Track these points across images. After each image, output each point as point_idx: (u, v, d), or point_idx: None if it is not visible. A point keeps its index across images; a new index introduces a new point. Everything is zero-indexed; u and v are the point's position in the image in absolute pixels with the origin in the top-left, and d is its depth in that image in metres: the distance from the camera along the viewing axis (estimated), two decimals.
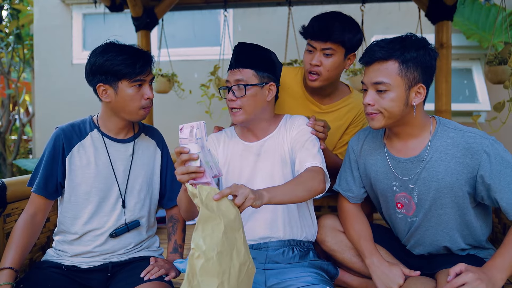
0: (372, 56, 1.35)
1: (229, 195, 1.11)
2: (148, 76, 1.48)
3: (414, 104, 1.35)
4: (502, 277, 1.26)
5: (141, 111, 1.49)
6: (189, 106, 4.59)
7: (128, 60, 1.42)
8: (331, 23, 1.71)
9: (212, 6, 3.60)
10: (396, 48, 1.32)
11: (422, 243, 1.51)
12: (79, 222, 1.50)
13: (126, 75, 1.43)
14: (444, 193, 1.39)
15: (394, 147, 1.48)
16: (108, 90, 1.46)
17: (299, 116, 1.62)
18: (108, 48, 1.45)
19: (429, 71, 1.35)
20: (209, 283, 1.02)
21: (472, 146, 1.34)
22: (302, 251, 1.53)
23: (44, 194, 1.49)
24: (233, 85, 1.49)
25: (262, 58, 1.53)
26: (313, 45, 1.76)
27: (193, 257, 1.02)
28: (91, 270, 1.50)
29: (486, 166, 1.32)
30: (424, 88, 1.35)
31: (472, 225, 1.44)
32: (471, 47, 4.50)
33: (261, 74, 1.50)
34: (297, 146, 1.50)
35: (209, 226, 1.05)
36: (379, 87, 1.34)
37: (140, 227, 1.58)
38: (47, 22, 5.16)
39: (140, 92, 1.47)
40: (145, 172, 1.59)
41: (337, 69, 1.80)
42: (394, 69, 1.32)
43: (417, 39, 1.35)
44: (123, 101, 1.46)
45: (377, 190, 1.55)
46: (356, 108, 1.96)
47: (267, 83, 1.52)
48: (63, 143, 1.50)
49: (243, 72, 1.49)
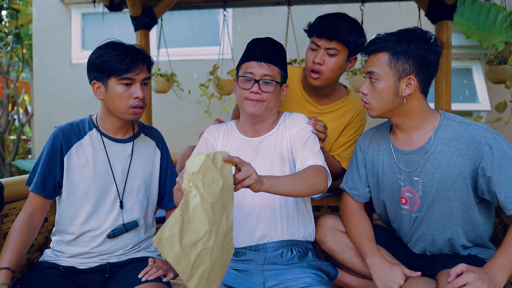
0: (368, 47, 1.45)
1: (234, 165, 1.13)
2: (138, 75, 1.45)
3: (404, 95, 1.39)
4: (503, 276, 1.25)
5: (131, 110, 1.46)
6: (189, 106, 4.58)
7: (117, 57, 1.41)
8: (339, 23, 1.72)
9: (212, 5, 3.59)
10: (390, 40, 1.39)
11: (424, 239, 1.51)
12: (77, 222, 1.49)
13: (114, 71, 1.42)
14: (448, 185, 1.39)
15: (399, 140, 1.50)
16: (101, 88, 1.46)
17: (299, 114, 1.62)
18: (104, 45, 1.46)
19: (425, 64, 1.38)
20: (200, 225, 1.00)
21: (475, 138, 1.35)
22: (301, 252, 1.52)
23: (42, 194, 1.48)
24: (262, 79, 1.47)
25: (284, 58, 1.57)
26: (317, 43, 1.76)
27: (190, 194, 1.00)
28: (89, 271, 1.49)
29: (488, 158, 1.33)
30: (414, 79, 1.38)
31: (476, 221, 1.44)
32: (471, 46, 4.49)
33: (283, 73, 1.54)
34: (298, 145, 1.50)
35: (210, 177, 1.05)
36: (371, 76, 1.42)
37: (138, 227, 1.57)
38: (46, 22, 5.15)
39: (129, 90, 1.45)
40: (144, 173, 1.58)
41: (339, 70, 1.80)
42: (385, 60, 1.39)
43: (413, 33, 1.40)
44: (112, 99, 1.45)
45: (383, 186, 1.55)
46: (354, 109, 1.95)
47: (284, 83, 1.56)
48: (61, 142, 1.49)
49: (272, 68, 1.49)
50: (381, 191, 1.58)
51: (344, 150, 1.98)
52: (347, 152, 1.98)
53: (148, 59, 1.51)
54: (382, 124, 1.63)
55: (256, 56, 1.49)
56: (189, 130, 4.83)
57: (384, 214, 1.65)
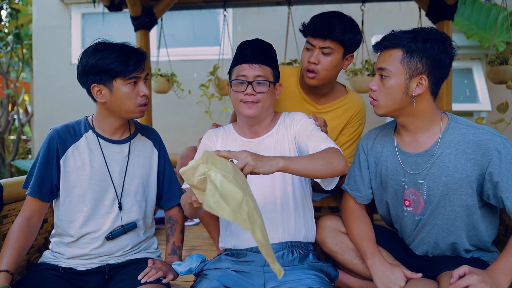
0: (381, 43, 1.41)
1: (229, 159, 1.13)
2: (142, 73, 1.46)
3: (414, 94, 1.36)
4: (506, 279, 1.24)
5: (139, 108, 1.47)
6: (189, 106, 4.57)
7: (121, 57, 1.40)
8: (333, 22, 1.72)
9: (212, 5, 3.59)
10: (404, 37, 1.36)
11: (426, 242, 1.50)
12: (75, 225, 1.48)
13: (120, 73, 1.41)
14: (453, 189, 1.38)
15: (404, 142, 1.48)
16: (103, 90, 1.44)
17: (297, 112, 1.62)
18: (99, 47, 1.43)
19: (438, 65, 1.36)
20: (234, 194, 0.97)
21: (484, 143, 1.34)
22: (302, 253, 1.51)
23: (39, 197, 1.47)
24: (255, 80, 1.48)
25: (274, 57, 1.56)
26: (312, 43, 1.76)
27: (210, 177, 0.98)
28: (88, 272, 1.48)
29: (496, 163, 1.31)
30: (426, 79, 1.35)
31: (478, 225, 1.43)
32: (471, 47, 4.49)
33: (275, 73, 1.54)
34: (304, 137, 1.49)
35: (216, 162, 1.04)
36: (382, 73, 1.39)
37: (137, 228, 1.56)
38: (46, 22, 5.15)
39: (135, 89, 1.45)
40: (142, 173, 1.57)
41: (335, 69, 1.80)
42: (398, 57, 1.36)
43: (430, 32, 1.37)
44: (119, 100, 1.44)
45: (387, 188, 1.54)
46: (353, 108, 1.94)
47: (277, 82, 1.56)
48: (57, 145, 1.48)
49: (263, 68, 1.49)
50: (385, 192, 1.57)
51: (344, 150, 1.97)
52: (348, 152, 1.97)
53: (145, 55, 1.50)
54: (386, 124, 1.62)
55: (247, 58, 1.49)
56: (189, 130, 4.82)
57: (386, 215, 1.64)
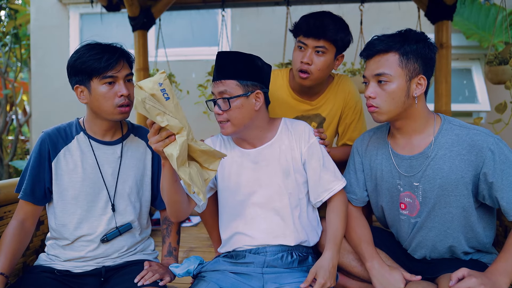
0: (373, 48, 1.38)
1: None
2: (120, 72, 1.42)
3: (415, 95, 1.37)
4: (506, 281, 1.23)
5: (117, 109, 1.43)
6: (187, 107, 4.51)
7: (95, 55, 1.38)
8: (326, 21, 1.71)
9: (210, 6, 3.58)
10: (396, 40, 1.35)
11: (424, 245, 1.49)
12: (69, 228, 1.47)
13: (94, 71, 1.38)
14: (449, 190, 1.38)
15: (398, 144, 1.47)
16: (84, 91, 1.43)
17: (301, 123, 1.58)
18: (80, 48, 1.43)
19: (430, 63, 1.38)
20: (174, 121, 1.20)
21: (477, 143, 1.33)
22: (301, 256, 1.50)
23: (32, 200, 1.46)
24: (218, 98, 1.42)
25: (244, 66, 1.42)
26: (305, 43, 1.75)
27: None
28: (84, 274, 1.47)
29: (490, 164, 1.31)
30: (424, 79, 1.36)
31: (476, 226, 1.42)
32: (470, 47, 4.48)
33: (244, 83, 1.41)
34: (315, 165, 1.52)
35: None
36: (380, 78, 1.36)
37: (132, 229, 1.55)
38: (44, 22, 5.13)
39: (112, 89, 1.41)
40: (135, 174, 1.56)
41: (327, 69, 1.80)
42: (395, 60, 1.35)
43: (416, 33, 1.39)
44: (97, 101, 1.42)
45: (382, 191, 1.53)
46: (343, 90, 1.96)
47: (252, 92, 1.43)
48: (48, 148, 1.47)
49: (226, 83, 1.41)
50: (380, 196, 1.56)
51: (353, 131, 2.00)
52: (357, 132, 1.99)
53: (128, 55, 1.47)
54: (379, 126, 1.60)
55: (214, 76, 1.45)
56: None
57: (383, 218, 1.63)
